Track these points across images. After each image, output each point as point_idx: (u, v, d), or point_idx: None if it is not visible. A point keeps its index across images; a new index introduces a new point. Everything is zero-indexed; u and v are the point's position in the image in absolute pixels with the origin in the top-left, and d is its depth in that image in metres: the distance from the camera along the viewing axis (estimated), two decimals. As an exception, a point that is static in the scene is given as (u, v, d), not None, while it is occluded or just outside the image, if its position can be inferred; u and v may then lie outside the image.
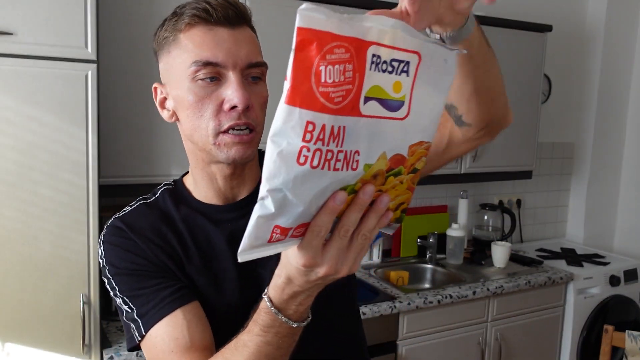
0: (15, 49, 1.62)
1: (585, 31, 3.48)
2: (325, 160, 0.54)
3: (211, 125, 0.85)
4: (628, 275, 3.04)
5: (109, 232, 0.94)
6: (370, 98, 0.56)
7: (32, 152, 1.66)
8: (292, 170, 0.53)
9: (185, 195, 0.98)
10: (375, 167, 0.59)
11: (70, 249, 1.73)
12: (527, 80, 2.93)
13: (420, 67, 0.59)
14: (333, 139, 0.53)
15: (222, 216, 0.96)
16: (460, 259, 2.85)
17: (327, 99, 0.52)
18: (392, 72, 0.57)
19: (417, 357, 2.39)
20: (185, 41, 0.85)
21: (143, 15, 1.94)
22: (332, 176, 0.55)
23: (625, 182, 3.63)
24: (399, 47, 0.56)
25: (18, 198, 1.65)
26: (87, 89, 1.71)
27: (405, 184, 0.65)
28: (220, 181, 0.94)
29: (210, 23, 0.85)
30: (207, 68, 0.84)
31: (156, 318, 0.86)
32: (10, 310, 1.68)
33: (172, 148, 2.03)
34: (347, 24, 0.52)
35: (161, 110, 0.94)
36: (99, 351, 1.81)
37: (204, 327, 0.88)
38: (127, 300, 0.90)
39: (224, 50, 0.84)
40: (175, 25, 0.87)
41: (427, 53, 0.59)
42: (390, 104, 0.58)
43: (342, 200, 0.58)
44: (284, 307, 0.70)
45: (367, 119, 0.56)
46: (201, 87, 0.85)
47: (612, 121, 3.55)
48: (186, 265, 0.92)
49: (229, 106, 0.84)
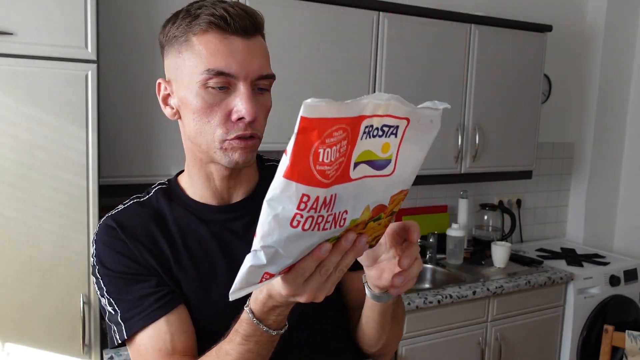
0: (15, 49, 1.62)
1: (585, 31, 3.48)
2: (316, 223, 0.60)
3: (218, 132, 0.86)
4: (628, 275, 3.03)
5: (101, 231, 0.94)
6: (359, 162, 0.62)
7: (32, 152, 1.66)
8: (285, 232, 0.60)
9: (179, 194, 0.98)
10: (360, 220, 0.65)
11: (71, 249, 1.73)
12: (527, 80, 2.93)
13: (408, 128, 0.64)
14: (325, 206, 0.60)
15: (216, 217, 0.96)
16: (460, 259, 2.85)
17: (323, 176, 0.58)
18: (382, 136, 0.62)
19: (417, 357, 2.39)
20: (199, 46, 0.85)
21: (143, 15, 1.94)
22: (320, 235, 0.62)
23: (625, 182, 3.63)
24: (391, 115, 0.62)
25: (18, 198, 1.65)
26: (87, 89, 1.71)
27: (382, 224, 0.72)
28: (217, 181, 0.95)
29: (227, 32, 0.84)
30: (219, 77, 0.84)
31: (139, 325, 0.89)
32: (11, 310, 1.68)
33: (172, 148, 2.03)
34: (346, 106, 0.57)
35: (163, 107, 0.94)
36: (99, 351, 1.81)
37: (187, 333, 0.91)
38: (113, 302, 0.91)
39: (237, 61, 0.84)
40: (189, 26, 0.86)
41: (416, 117, 0.65)
42: (378, 164, 0.64)
43: (327, 251, 0.65)
44: (264, 318, 0.76)
45: (355, 182, 0.62)
46: (211, 94, 0.85)
47: (612, 121, 3.55)
48: (174, 266, 0.93)
49: (237, 117, 0.85)
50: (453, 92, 2.67)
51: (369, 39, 2.40)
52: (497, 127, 2.85)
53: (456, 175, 2.77)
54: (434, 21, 2.56)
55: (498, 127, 2.85)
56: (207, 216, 0.96)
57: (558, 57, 3.38)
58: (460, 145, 2.71)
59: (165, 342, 0.88)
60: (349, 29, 2.34)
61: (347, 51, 2.35)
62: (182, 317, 0.91)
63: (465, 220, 3.03)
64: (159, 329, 0.88)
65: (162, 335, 0.88)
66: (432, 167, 2.63)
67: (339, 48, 2.33)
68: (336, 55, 2.33)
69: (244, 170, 0.96)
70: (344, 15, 2.32)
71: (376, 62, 2.44)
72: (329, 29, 2.30)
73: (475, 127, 2.75)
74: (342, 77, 2.35)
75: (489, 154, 2.84)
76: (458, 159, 2.72)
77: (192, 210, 0.96)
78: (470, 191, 3.14)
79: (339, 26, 2.32)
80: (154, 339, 0.88)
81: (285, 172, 0.58)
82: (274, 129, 1.78)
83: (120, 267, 0.91)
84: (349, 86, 2.37)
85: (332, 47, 2.31)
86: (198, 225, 0.95)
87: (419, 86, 2.56)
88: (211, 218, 0.96)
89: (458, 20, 2.63)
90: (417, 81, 2.56)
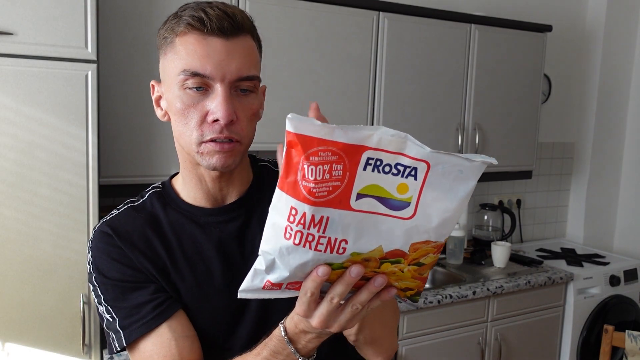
0: (15, 49, 1.62)
1: (585, 31, 3.48)
2: (306, 241, 0.62)
3: (195, 134, 0.86)
4: (628, 275, 3.03)
5: (96, 238, 0.93)
6: (364, 195, 0.62)
7: (32, 152, 1.66)
8: (279, 241, 0.63)
9: (174, 197, 0.97)
10: (367, 255, 0.65)
11: (71, 249, 1.73)
12: (527, 80, 2.93)
13: (430, 173, 0.63)
14: (314, 225, 0.61)
15: (210, 219, 0.95)
16: (460, 259, 2.85)
17: (309, 192, 0.60)
18: (398, 175, 0.62)
19: (417, 357, 2.39)
20: (179, 46, 0.85)
21: (143, 15, 1.94)
22: (314, 254, 0.63)
23: (625, 182, 3.63)
24: (406, 154, 0.62)
25: (18, 198, 1.65)
26: (87, 89, 1.71)
27: (408, 273, 0.70)
28: (209, 183, 0.94)
29: (204, 33, 0.84)
30: (195, 78, 0.83)
31: (138, 333, 0.88)
32: (11, 310, 1.68)
33: (172, 148, 2.01)
34: (342, 131, 0.59)
35: (156, 108, 0.94)
36: (99, 351, 1.81)
37: (190, 338, 0.90)
38: (111, 309, 0.90)
39: (213, 62, 0.83)
40: (174, 27, 0.86)
41: (437, 162, 0.63)
42: (393, 204, 0.63)
43: (325, 274, 0.65)
44: (295, 339, 0.77)
45: (358, 213, 0.63)
46: (188, 95, 0.85)
47: (612, 121, 3.55)
48: (171, 271, 0.92)
49: (212, 119, 0.84)
50: (453, 92, 2.68)
51: (368, 39, 2.40)
52: (497, 127, 2.85)
53: (456, 175, 2.76)
54: (434, 21, 2.56)
55: (498, 127, 2.85)
56: (201, 219, 0.95)
57: (558, 57, 3.38)
58: (460, 145, 2.71)
59: (170, 348, 0.88)
60: (349, 29, 2.34)
61: (347, 51, 2.35)
62: (183, 322, 0.91)
63: (465, 220, 3.03)
64: (162, 336, 0.88)
65: (166, 342, 0.88)
66: (432, 167, 2.63)
67: (339, 48, 2.33)
68: (336, 55, 2.33)
69: (235, 171, 0.95)
70: (344, 15, 2.33)
71: (376, 62, 2.44)
72: (329, 29, 2.30)
73: (475, 127, 2.75)
74: (342, 77, 2.35)
75: (489, 153, 2.84)
76: (458, 159, 2.72)
77: (186, 213, 0.96)
78: (470, 191, 3.13)
79: (339, 26, 2.32)
80: (158, 346, 0.88)
81: (279, 183, 0.62)
82: (274, 129, 1.78)
83: (117, 275, 0.90)
84: (349, 86, 2.37)
85: (332, 47, 2.31)
86: (193, 229, 0.94)
87: (419, 86, 2.56)
88: (206, 221, 0.95)
89: (458, 20, 2.63)
90: (417, 81, 2.56)
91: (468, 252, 2.96)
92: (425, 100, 2.59)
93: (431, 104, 2.61)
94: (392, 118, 2.49)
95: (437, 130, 2.63)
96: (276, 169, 1.04)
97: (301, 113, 0.58)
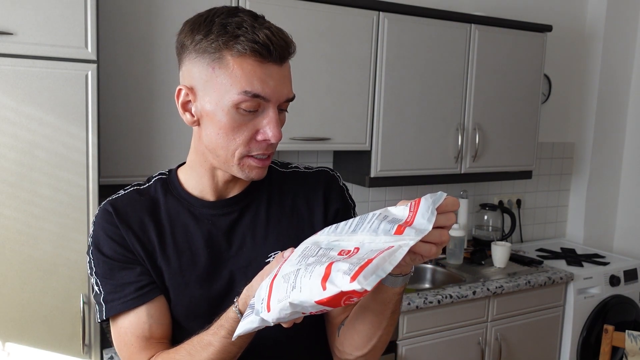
0: (15, 49, 1.62)
1: (585, 31, 3.48)
2: None
3: (240, 149, 0.90)
4: (628, 275, 3.04)
5: (99, 215, 0.99)
6: None
7: (32, 152, 1.66)
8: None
9: (176, 185, 1.02)
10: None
11: (71, 249, 1.73)
12: (527, 80, 2.93)
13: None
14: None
15: (204, 211, 0.99)
16: (460, 259, 2.85)
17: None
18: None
19: (417, 357, 2.39)
20: (235, 66, 0.86)
21: (143, 15, 1.94)
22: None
23: (625, 182, 3.63)
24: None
25: (18, 198, 1.65)
26: (87, 89, 1.71)
27: None
28: (221, 183, 1.00)
29: (266, 59, 0.86)
30: (253, 100, 0.87)
31: (117, 309, 0.95)
32: (11, 310, 1.68)
33: (172, 148, 2.03)
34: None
35: (183, 113, 0.94)
36: (99, 351, 1.81)
37: (165, 325, 0.97)
38: (100, 283, 0.97)
39: (271, 87, 0.87)
40: (226, 45, 0.86)
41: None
42: None
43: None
44: None
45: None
46: (241, 115, 0.88)
47: (612, 121, 3.55)
48: (158, 255, 0.97)
49: (262, 138, 0.89)
50: (453, 92, 2.68)
51: (369, 39, 2.40)
52: (497, 127, 2.85)
53: (456, 175, 2.77)
54: (434, 21, 2.56)
55: (498, 127, 2.85)
56: (197, 210, 1.00)
57: (558, 57, 3.38)
58: (460, 145, 2.71)
59: (143, 330, 0.95)
60: (349, 29, 2.34)
61: (347, 51, 2.35)
62: (161, 308, 0.97)
63: (465, 220, 3.03)
64: (139, 318, 0.95)
65: (142, 325, 0.95)
66: (432, 167, 2.63)
67: (339, 48, 2.33)
68: (336, 55, 2.33)
69: None
70: (344, 15, 2.33)
71: (376, 62, 2.44)
72: (329, 29, 2.30)
73: (475, 127, 2.75)
74: (342, 77, 2.35)
75: (489, 154, 2.84)
76: (458, 159, 2.72)
77: (184, 202, 1.00)
78: (470, 191, 3.14)
79: (339, 26, 2.32)
80: (134, 325, 0.95)
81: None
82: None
83: (110, 252, 0.96)
84: (349, 86, 2.37)
85: (332, 47, 2.31)
86: (188, 218, 0.99)
87: (419, 86, 2.56)
88: (200, 213, 0.99)
89: (458, 20, 2.63)
90: (417, 81, 2.56)
91: (468, 252, 2.96)
92: (425, 100, 2.59)
93: (431, 104, 2.61)
94: (392, 118, 2.49)
95: (437, 130, 2.63)
96: (280, 169, 1.09)
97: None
